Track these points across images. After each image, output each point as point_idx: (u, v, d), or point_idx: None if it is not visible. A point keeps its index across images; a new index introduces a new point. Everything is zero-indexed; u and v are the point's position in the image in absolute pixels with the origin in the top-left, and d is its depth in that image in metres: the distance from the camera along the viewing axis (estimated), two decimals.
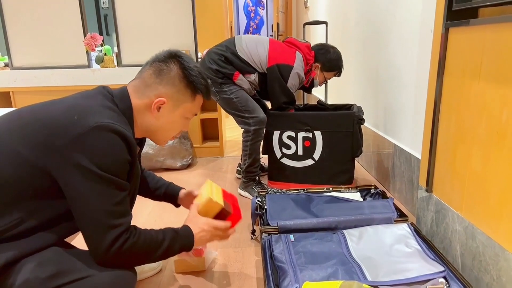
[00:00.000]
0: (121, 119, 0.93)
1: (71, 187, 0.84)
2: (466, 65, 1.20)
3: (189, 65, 1.01)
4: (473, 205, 1.17)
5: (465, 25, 1.19)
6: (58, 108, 0.90)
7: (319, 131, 2.04)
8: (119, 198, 0.87)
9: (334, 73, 2.13)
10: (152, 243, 0.95)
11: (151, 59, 1.03)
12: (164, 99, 0.99)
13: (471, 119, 1.18)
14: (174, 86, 1.00)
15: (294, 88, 2.04)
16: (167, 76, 0.99)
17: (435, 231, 1.40)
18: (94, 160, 0.83)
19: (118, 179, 0.87)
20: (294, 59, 1.99)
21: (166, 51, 1.02)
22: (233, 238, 1.65)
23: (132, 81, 1.03)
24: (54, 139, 0.84)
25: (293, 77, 1.99)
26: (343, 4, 2.99)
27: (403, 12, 1.88)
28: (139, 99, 0.99)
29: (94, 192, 0.84)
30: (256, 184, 2.11)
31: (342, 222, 1.46)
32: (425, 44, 1.65)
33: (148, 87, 0.99)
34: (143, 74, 1.01)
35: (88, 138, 0.83)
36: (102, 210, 0.85)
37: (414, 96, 1.81)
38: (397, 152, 2.00)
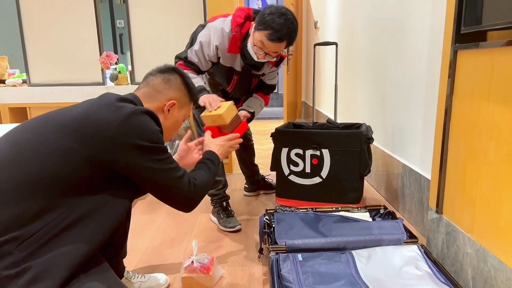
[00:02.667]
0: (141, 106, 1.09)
1: (134, 166, 0.98)
2: (475, 87, 1.20)
3: (186, 76, 1.23)
4: (484, 227, 1.16)
5: (474, 48, 1.21)
6: (90, 107, 1.00)
7: (327, 149, 2.05)
8: (171, 158, 1.06)
9: (265, 34, 1.54)
10: (205, 174, 1.20)
11: (154, 72, 1.19)
12: (174, 101, 1.16)
13: (480, 140, 1.17)
14: (180, 91, 1.19)
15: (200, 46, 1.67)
16: (174, 83, 1.18)
17: (446, 254, 1.38)
18: (142, 137, 0.98)
19: (163, 146, 1.04)
20: (217, 19, 1.71)
21: (166, 66, 1.21)
22: (240, 256, 1.64)
23: (139, 90, 1.16)
24: (102, 130, 0.95)
25: (204, 32, 1.68)
26: (352, 25, 3.05)
27: (412, 32, 1.91)
28: (151, 103, 1.13)
29: (155, 160, 1.00)
30: (223, 211, 1.95)
31: (351, 242, 1.45)
32: (434, 64, 1.67)
33: (159, 93, 1.15)
34: (151, 83, 1.16)
35: (130, 121, 0.97)
36: (169, 169, 1.04)
37: (423, 116, 1.81)
38: (406, 172, 1.99)
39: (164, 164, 1.03)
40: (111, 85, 2.79)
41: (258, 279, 1.46)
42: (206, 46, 1.68)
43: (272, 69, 1.89)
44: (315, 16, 4.77)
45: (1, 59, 2.90)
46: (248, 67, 1.75)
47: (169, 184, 1.05)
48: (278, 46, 1.58)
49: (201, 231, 1.91)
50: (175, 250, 1.71)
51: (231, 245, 1.75)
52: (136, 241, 1.80)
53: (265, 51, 1.60)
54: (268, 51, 1.60)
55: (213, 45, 1.67)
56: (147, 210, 2.19)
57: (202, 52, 1.69)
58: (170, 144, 2.62)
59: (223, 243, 1.77)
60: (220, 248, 1.73)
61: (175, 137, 2.63)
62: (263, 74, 1.88)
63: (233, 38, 1.66)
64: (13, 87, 2.82)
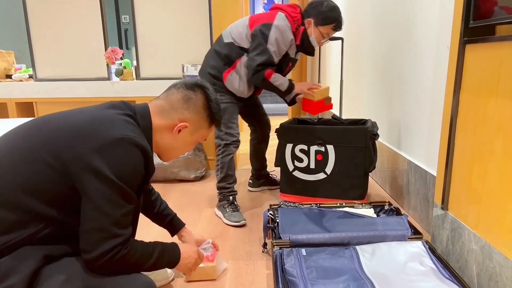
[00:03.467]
0: (142, 135, 0.99)
1: (86, 190, 0.88)
2: (483, 82, 1.19)
3: (213, 97, 1.12)
4: (490, 224, 1.15)
5: (482, 42, 1.19)
6: (82, 118, 0.95)
7: (332, 145, 2.04)
8: (126, 209, 0.92)
9: (331, 27, 1.92)
10: (142, 255, 0.99)
11: (179, 84, 1.10)
12: (187, 124, 1.08)
13: (488, 136, 1.16)
14: (198, 114, 1.09)
15: (277, 45, 1.86)
16: (194, 104, 1.08)
17: (451, 250, 1.37)
18: (112, 168, 0.87)
19: (130, 191, 0.91)
20: (274, 18, 1.88)
21: (194, 81, 1.12)
22: (244, 251, 1.65)
23: (156, 101, 1.09)
24: (77, 145, 0.88)
25: (275, 32, 1.85)
26: (358, 20, 3.02)
27: (419, 28, 1.89)
28: (162, 119, 1.06)
29: (107, 198, 0.88)
30: (229, 205, 1.98)
31: (355, 238, 1.44)
32: (441, 60, 1.65)
33: (174, 110, 1.07)
34: (170, 97, 1.08)
35: (112, 147, 0.88)
36: (110, 218, 0.89)
37: (429, 112, 1.80)
38: (412, 168, 1.98)
39: (112, 209, 0.88)
40: (117, 80, 2.79)
41: (262, 274, 1.46)
42: (282, 43, 1.90)
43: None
44: None
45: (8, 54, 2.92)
46: (303, 53, 2.11)
47: (96, 231, 0.89)
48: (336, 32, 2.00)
49: (205, 225, 1.92)
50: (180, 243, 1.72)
51: (235, 239, 1.76)
52: (140, 236, 1.80)
53: (326, 39, 2.00)
54: (328, 38, 2.00)
55: (288, 40, 1.92)
56: None
57: (278, 51, 1.91)
58: None
59: (227, 238, 1.78)
60: (224, 242, 1.73)
61: None
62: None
63: (298, 32, 1.96)
64: (19, 82, 2.84)
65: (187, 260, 1.16)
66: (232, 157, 2.02)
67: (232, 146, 2.00)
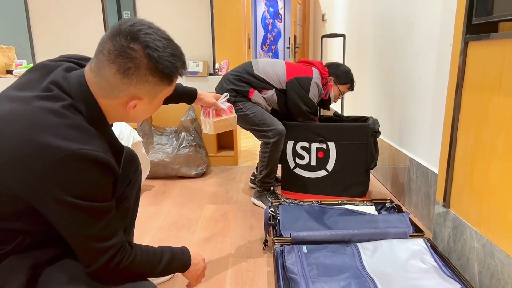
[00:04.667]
0: (90, 135, 0.80)
1: (53, 218, 0.79)
2: (485, 79, 1.18)
3: (157, 48, 0.81)
4: (492, 221, 1.15)
5: (485, 39, 1.18)
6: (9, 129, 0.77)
7: (333, 142, 2.04)
8: (104, 222, 0.82)
9: (348, 86, 2.21)
10: (149, 263, 0.93)
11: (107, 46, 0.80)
12: (140, 98, 0.85)
13: (490, 133, 1.16)
14: (147, 83, 0.82)
15: (315, 99, 2.07)
16: (136, 74, 0.80)
17: (452, 248, 1.37)
18: (71, 192, 0.76)
19: (100, 204, 0.80)
20: (312, 72, 2.07)
21: (123, 33, 0.79)
22: (245, 248, 1.65)
23: (90, 75, 0.83)
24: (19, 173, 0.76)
25: (313, 87, 2.04)
26: (360, 17, 3.01)
27: (421, 25, 1.88)
28: (107, 99, 0.84)
29: (77, 222, 0.79)
30: (270, 194, 2.12)
31: (356, 235, 1.44)
32: (444, 57, 1.64)
33: (115, 88, 0.82)
34: (103, 72, 0.81)
35: (60, 170, 0.74)
36: (89, 238, 0.80)
37: (431, 109, 1.79)
38: (413, 166, 1.97)
39: (87, 229, 0.79)
40: None
41: (263, 271, 1.46)
42: (314, 98, 2.07)
43: None
44: (323, 8, 4.72)
45: (8, 50, 2.91)
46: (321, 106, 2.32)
47: (83, 252, 0.82)
48: None
49: (206, 222, 1.92)
50: (180, 240, 1.72)
51: (236, 236, 1.76)
52: (141, 232, 1.81)
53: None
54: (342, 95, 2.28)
55: (320, 94, 2.13)
56: (153, 201, 2.20)
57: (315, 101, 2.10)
58: (176, 136, 2.62)
59: (228, 235, 1.78)
60: (225, 239, 1.73)
61: (180, 128, 2.63)
62: None
63: (325, 88, 2.16)
64: None
65: (196, 267, 1.08)
66: (279, 155, 2.06)
67: (280, 141, 2.01)
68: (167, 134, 2.64)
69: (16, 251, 0.84)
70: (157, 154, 2.53)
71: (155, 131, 2.63)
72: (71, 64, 0.91)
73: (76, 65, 0.92)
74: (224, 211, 2.05)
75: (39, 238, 0.86)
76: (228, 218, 1.96)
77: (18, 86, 0.87)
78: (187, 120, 2.64)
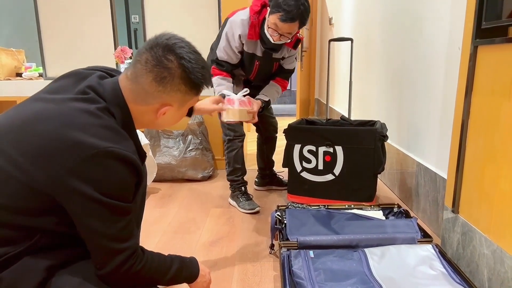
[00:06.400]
0: (121, 136, 0.85)
1: (75, 213, 0.81)
2: (495, 84, 1.17)
3: (190, 60, 0.89)
4: (502, 228, 1.13)
5: (495, 43, 1.17)
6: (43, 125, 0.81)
7: (340, 146, 2.03)
8: (123, 223, 0.84)
9: (278, 16, 1.64)
10: (158, 269, 0.94)
11: (145, 57, 0.87)
12: (170, 105, 0.92)
13: (500, 139, 1.14)
14: (179, 91, 0.90)
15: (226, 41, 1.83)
16: (170, 83, 0.88)
17: (461, 254, 1.35)
18: (97, 187, 0.78)
19: (122, 204, 0.83)
20: (235, 13, 1.86)
21: (160, 45, 0.88)
22: (251, 252, 1.64)
23: (126, 81, 0.90)
24: (49, 166, 0.78)
25: (227, 27, 1.84)
26: (368, 21, 3.00)
27: (430, 29, 1.86)
28: (139, 105, 0.91)
29: (98, 219, 0.81)
30: (242, 194, 2.12)
31: (364, 240, 1.43)
32: (453, 62, 1.63)
33: (149, 95, 0.89)
34: (140, 80, 0.88)
35: (90, 165, 0.78)
36: (107, 236, 0.82)
37: (440, 114, 1.77)
38: (421, 170, 1.96)
39: (107, 227, 0.82)
40: None
41: (269, 275, 1.45)
42: (232, 38, 1.82)
43: (291, 52, 2.00)
44: (330, 12, 4.72)
45: (18, 53, 2.94)
46: (268, 51, 1.86)
47: (99, 252, 0.84)
48: (290, 26, 1.67)
49: (212, 226, 1.92)
50: (186, 244, 1.72)
51: (242, 240, 1.75)
52: (147, 235, 1.81)
53: (279, 33, 1.70)
54: (282, 32, 1.70)
55: (236, 35, 1.80)
56: (159, 204, 2.21)
57: (229, 46, 1.83)
58: (183, 139, 2.63)
59: (234, 238, 1.77)
60: (230, 243, 1.73)
61: (187, 131, 2.64)
62: (283, 57, 1.99)
63: (252, 25, 1.78)
64: (29, 80, 2.86)
65: (203, 279, 1.10)
66: (237, 151, 2.10)
67: (236, 140, 2.08)
68: (174, 137, 2.65)
69: (30, 251, 0.84)
70: (164, 157, 2.54)
71: (162, 134, 2.64)
72: (103, 73, 0.97)
73: (107, 75, 0.98)
74: (230, 214, 2.05)
75: (55, 240, 0.87)
76: (234, 221, 1.96)
77: (51, 90, 0.92)
78: (194, 124, 2.65)
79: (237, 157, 2.10)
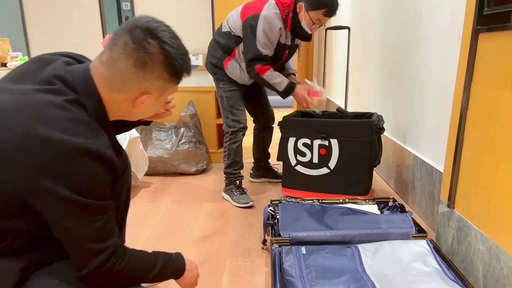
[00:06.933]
0: (93, 131, 0.79)
1: (49, 215, 0.77)
2: (496, 73, 1.12)
3: (173, 45, 0.83)
4: (499, 224, 1.09)
5: (497, 30, 1.12)
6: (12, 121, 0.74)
7: (336, 139, 1.98)
8: (101, 222, 0.80)
9: (322, 12, 1.81)
10: (142, 267, 0.91)
11: (123, 40, 0.80)
12: (150, 93, 0.85)
13: (500, 132, 1.10)
14: (161, 78, 0.84)
15: (266, 36, 1.85)
16: (151, 69, 0.81)
17: (456, 250, 1.31)
18: (71, 187, 0.73)
19: (99, 203, 0.79)
20: (262, 8, 1.86)
21: (140, 28, 0.80)
22: (243, 247, 1.61)
23: (100, 67, 0.82)
24: (16, 165, 0.73)
25: (262, 22, 1.83)
26: (366, 9, 2.93)
27: (430, 17, 1.80)
28: (115, 93, 0.83)
29: (74, 219, 0.76)
30: (236, 188, 2.10)
31: (357, 236, 1.39)
32: (453, 52, 1.57)
33: (127, 81, 0.82)
34: (118, 65, 0.80)
35: (61, 164, 0.72)
36: (85, 237, 0.78)
37: (438, 106, 1.72)
38: (418, 164, 1.91)
39: (84, 227, 0.77)
40: None
41: (261, 272, 1.42)
42: (271, 33, 1.86)
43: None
44: None
45: (3, 42, 2.83)
46: (300, 40, 2.07)
47: (77, 253, 0.80)
48: (330, 18, 1.91)
49: (204, 220, 1.88)
50: (178, 239, 1.69)
51: (235, 235, 1.72)
52: (138, 230, 1.77)
53: (319, 25, 1.91)
54: (321, 24, 1.90)
55: (276, 29, 1.87)
56: (151, 198, 2.16)
57: (269, 41, 1.88)
58: (176, 132, 2.58)
59: (227, 233, 1.74)
60: (223, 238, 1.69)
61: (179, 124, 2.58)
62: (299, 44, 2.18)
63: (287, 19, 1.90)
64: None
65: (190, 273, 1.06)
66: (239, 144, 2.10)
67: (240, 133, 2.07)
68: (166, 129, 2.60)
69: (3, 253, 0.81)
70: (155, 150, 2.49)
71: (154, 127, 2.59)
72: (70, 59, 0.89)
73: (75, 61, 0.90)
74: (223, 209, 2.01)
75: (31, 240, 0.83)
76: (227, 216, 1.92)
77: (13, 78, 0.85)
78: (186, 116, 2.59)
79: (238, 150, 2.10)
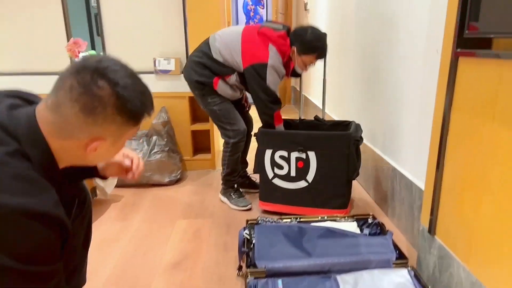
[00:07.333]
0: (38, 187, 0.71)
1: None
2: (478, 100, 1.06)
3: (126, 86, 0.74)
4: (483, 259, 1.04)
5: (479, 56, 1.05)
6: None
7: (313, 152, 1.91)
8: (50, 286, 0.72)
9: (315, 56, 1.94)
10: None
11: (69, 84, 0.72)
12: (103, 139, 0.78)
13: (482, 163, 1.04)
14: (113, 123, 0.76)
15: (275, 85, 1.94)
16: (102, 114, 0.74)
17: (438, 279, 1.27)
18: (11, 254, 0.65)
19: (45, 268, 0.71)
20: (268, 55, 1.89)
21: (88, 69, 0.73)
22: (218, 274, 1.52)
23: (45, 112, 0.75)
24: None
25: (270, 73, 1.90)
26: (343, 14, 2.84)
27: (408, 25, 1.73)
28: (64, 140, 0.76)
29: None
30: (234, 192, 2.17)
31: (336, 264, 1.33)
32: (431, 62, 1.51)
33: (75, 128, 0.74)
34: (63, 111, 0.73)
35: (1, 228, 0.65)
36: None
37: (417, 117, 1.67)
38: (396, 176, 1.87)
39: None
40: None
41: None
42: (277, 79, 1.94)
43: None
44: None
45: None
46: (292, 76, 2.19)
47: None
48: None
49: (177, 241, 1.78)
50: (147, 266, 1.58)
51: (209, 260, 1.62)
52: (104, 256, 1.65)
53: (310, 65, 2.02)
54: (313, 64, 2.01)
55: (281, 75, 1.96)
56: (121, 216, 2.04)
57: (276, 86, 1.94)
58: (147, 140, 2.44)
59: (200, 257, 1.64)
60: (196, 264, 1.60)
61: (151, 132, 2.45)
62: None
63: (287, 66, 1.99)
64: None
65: None
66: (239, 155, 2.13)
67: (241, 143, 2.09)
68: (137, 138, 2.46)
69: None
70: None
71: None
72: (15, 101, 0.80)
73: (22, 102, 0.81)
74: (197, 227, 1.91)
75: None
76: (201, 235, 1.83)
77: None
78: (158, 123, 2.46)
79: (237, 159, 2.14)
